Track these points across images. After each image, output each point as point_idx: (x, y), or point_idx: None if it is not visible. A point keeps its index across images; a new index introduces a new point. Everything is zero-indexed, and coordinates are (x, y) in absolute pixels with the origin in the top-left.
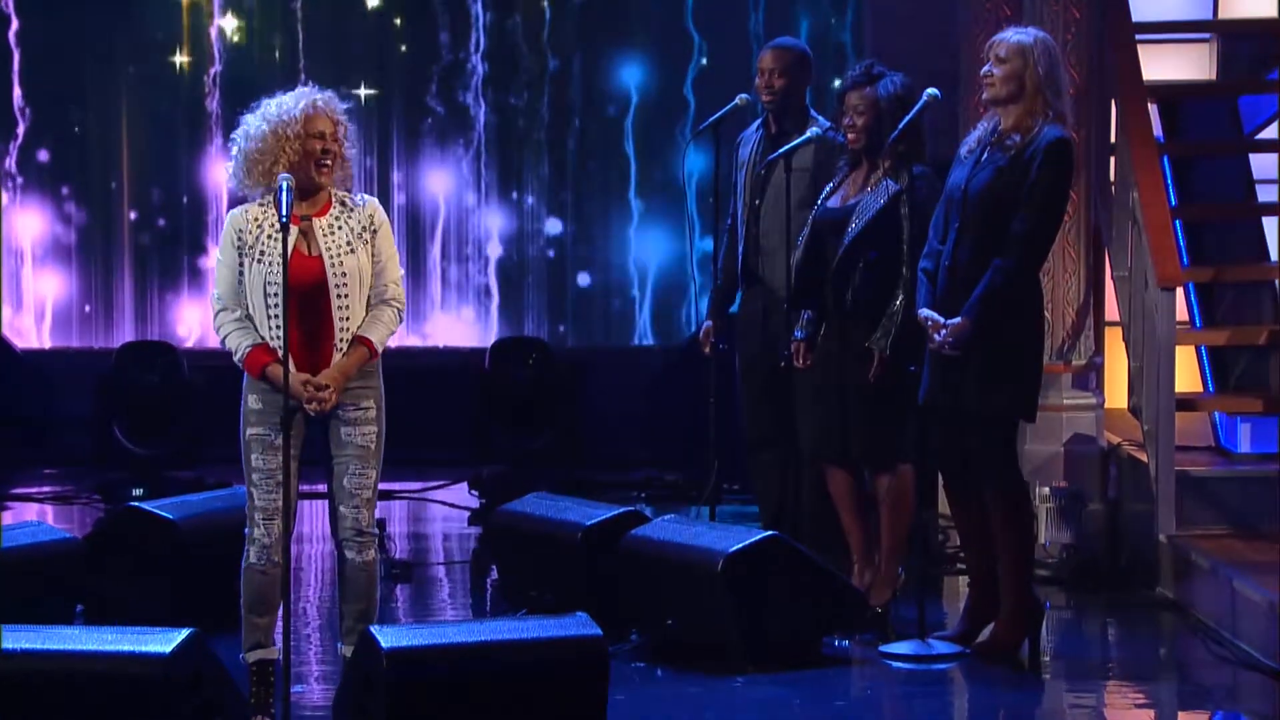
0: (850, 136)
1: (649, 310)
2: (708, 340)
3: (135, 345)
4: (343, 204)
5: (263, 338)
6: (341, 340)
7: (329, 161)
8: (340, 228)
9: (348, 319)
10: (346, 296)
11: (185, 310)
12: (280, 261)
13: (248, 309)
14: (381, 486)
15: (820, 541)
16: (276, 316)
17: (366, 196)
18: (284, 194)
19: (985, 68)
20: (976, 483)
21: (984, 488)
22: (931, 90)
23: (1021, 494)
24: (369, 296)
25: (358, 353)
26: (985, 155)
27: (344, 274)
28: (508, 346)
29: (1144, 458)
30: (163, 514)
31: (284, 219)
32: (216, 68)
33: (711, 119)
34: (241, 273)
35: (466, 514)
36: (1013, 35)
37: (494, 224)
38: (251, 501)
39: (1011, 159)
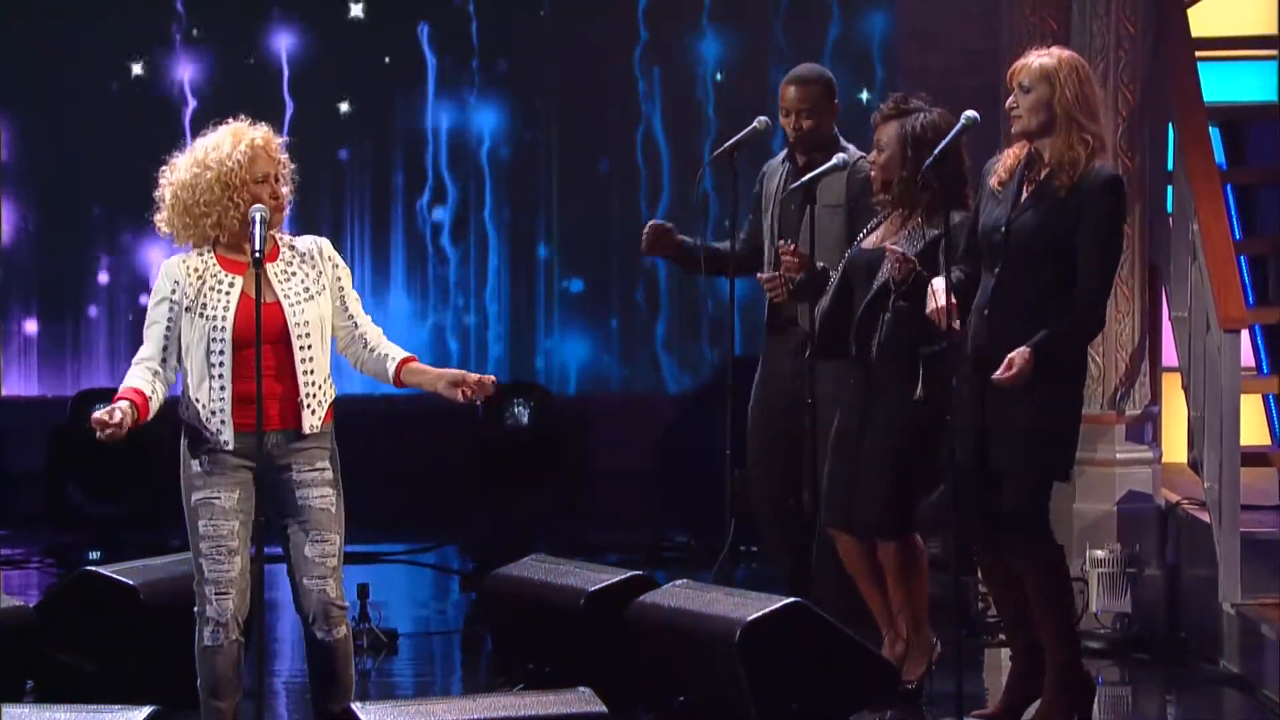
0: (874, 174)
1: (660, 353)
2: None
3: (92, 394)
4: (291, 248)
5: (141, 391)
6: (308, 396)
7: (277, 206)
8: (295, 273)
9: (312, 371)
10: (310, 348)
11: None
12: (226, 314)
13: (179, 369)
14: (364, 549)
15: (848, 609)
16: (221, 376)
17: (314, 238)
18: (257, 227)
19: (1010, 98)
20: (1007, 548)
21: (1015, 554)
22: (970, 114)
23: (1057, 557)
24: (358, 341)
25: (423, 366)
26: (1026, 194)
27: (305, 322)
28: (504, 392)
29: (1206, 518)
30: (122, 579)
31: (258, 253)
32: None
33: (729, 143)
34: (169, 329)
35: (458, 578)
36: (1035, 59)
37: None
38: (200, 575)
39: (1060, 201)
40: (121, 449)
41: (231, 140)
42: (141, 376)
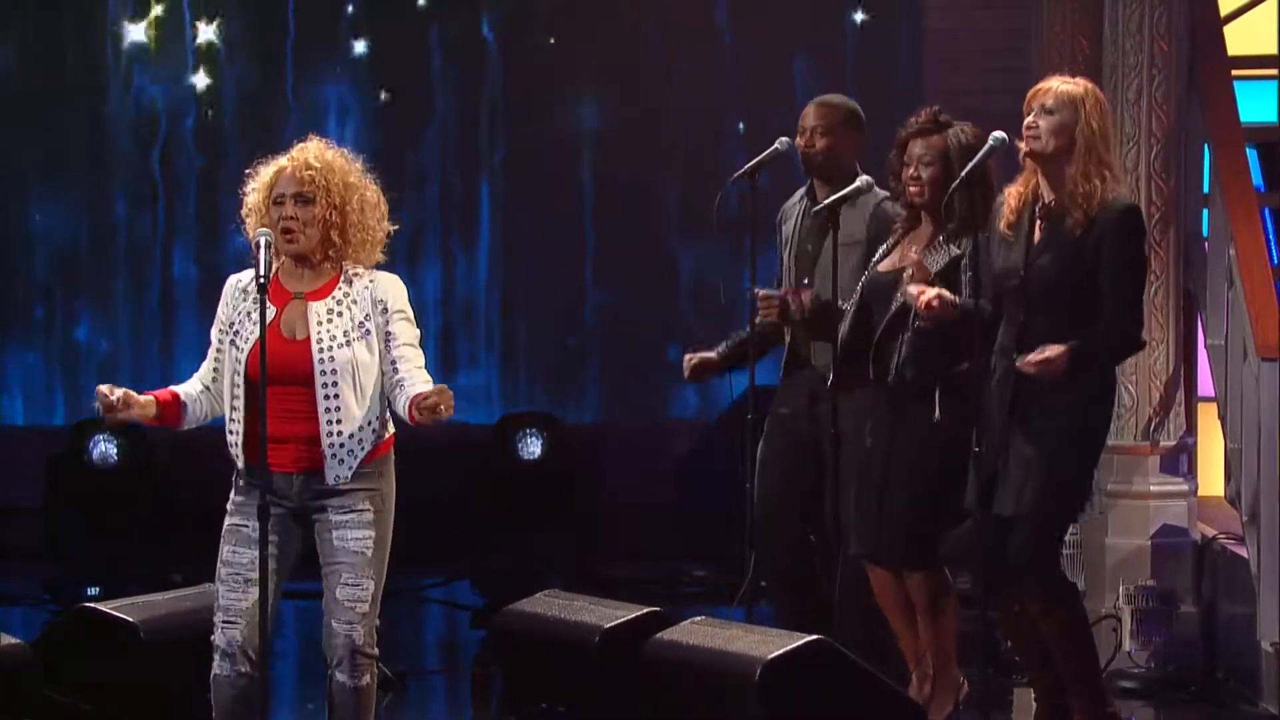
0: (912, 189)
1: (677, 381)
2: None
3: (92, 422)
4: (350, 283)
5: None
6: (333, 445)
7: (291, 229)
8: (342, 314)
9: (339, 421)
10: (337, 397)
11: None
12: (251, 345)
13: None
14: None
15: (872, 647)
16: (236, 409)
17: (380, 275)
18: (261, 251)
19: (1029, 118)
20: (1018, 589)
21: (1025, 593)
22: (998, 134)
23: (1069, 594)
24: (396, 386)
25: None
26: (1039, 235)
27: (334, 370)
28: (516, 422)
29: (1243, 553)
30: (122, 616)
31: (262, 279)
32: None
33: (749, 165)
34: (219, 353)
35: (468, 614)
36: (1059, 84)
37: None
38: (216, 600)
39: (1076, 242)
40: (123, 478)
41: (279, 160)
42: (188, 384)
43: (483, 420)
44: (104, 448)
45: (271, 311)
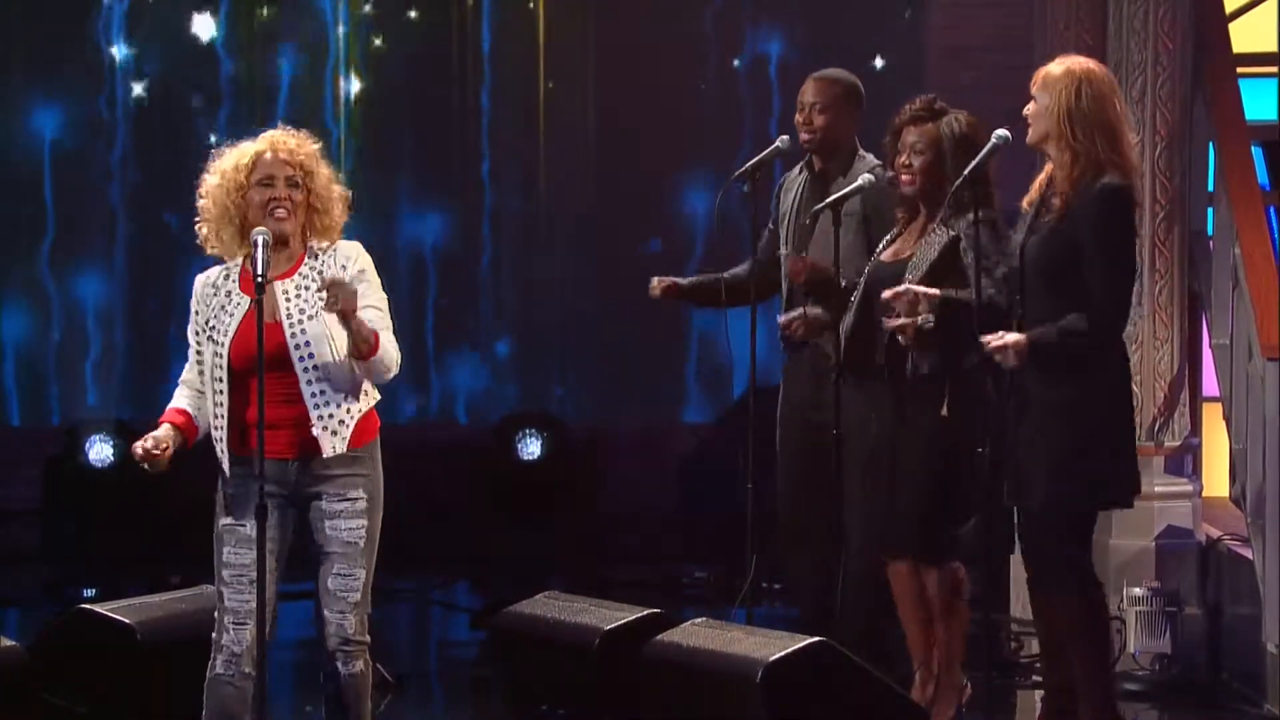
0: (904, 178)
1: (678, 381)
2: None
3: (88, 423)
4: (315, 257)
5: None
6: (324, 417)
7: (283, 210)
8: (309, 286)
9: (324, 392)
10: (316, 368)
11: (146, 383)
12: (226, 338)
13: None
14: None
15: (874, 648)
16: (221, 405)
17: (346, 243)
18: (259, 250)
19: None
20: (1047, 581)
21: (1054, 587)
22: (1001, 132)
23: (1097, 593)
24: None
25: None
26: (1035, 213)
27: (306, 343)
28: (516, 422)
29: (1248, 554)
30: (118, 618)
31: (260, 278)
32: None
33: (750, 163)
34: (199, 352)
35: (467, 616)
36: (1048, 68)
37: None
38: (221, 603)
39: (1056, 226)
40: (119, 480)
41: (249, 143)
42: (185, 396)
43: (483, 420)
44: (100, 448)
45: (247, 302)
